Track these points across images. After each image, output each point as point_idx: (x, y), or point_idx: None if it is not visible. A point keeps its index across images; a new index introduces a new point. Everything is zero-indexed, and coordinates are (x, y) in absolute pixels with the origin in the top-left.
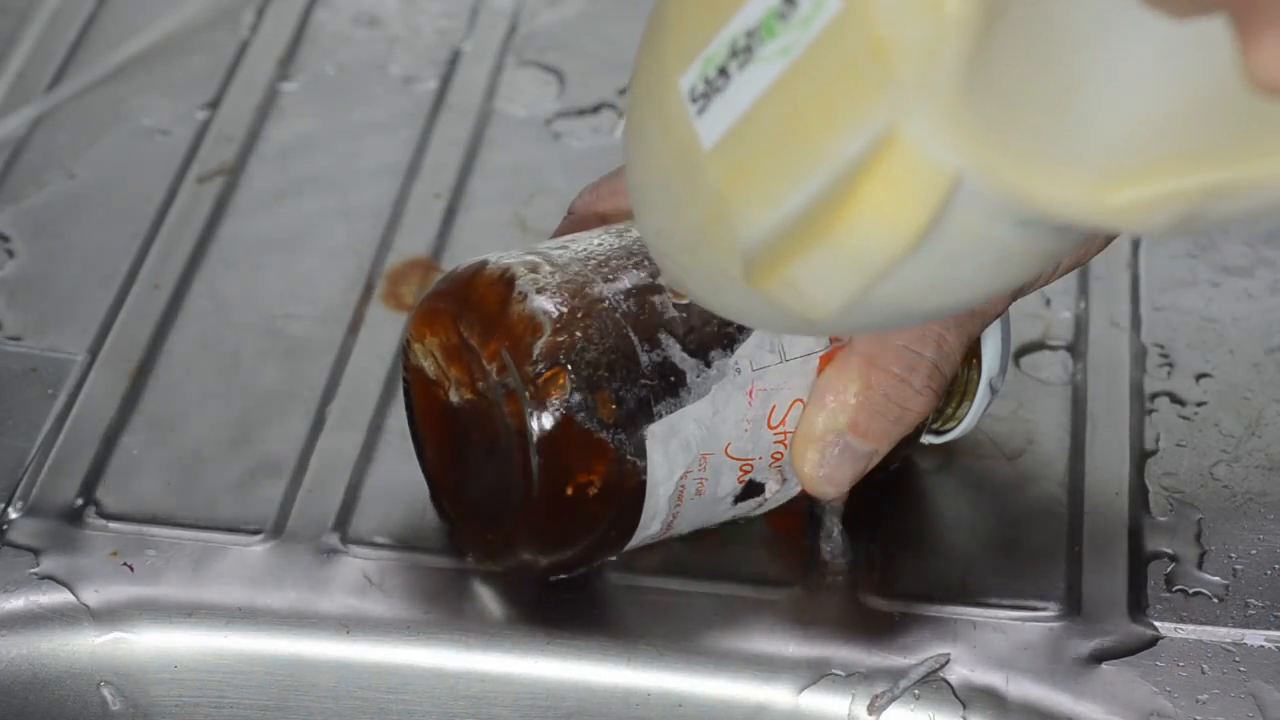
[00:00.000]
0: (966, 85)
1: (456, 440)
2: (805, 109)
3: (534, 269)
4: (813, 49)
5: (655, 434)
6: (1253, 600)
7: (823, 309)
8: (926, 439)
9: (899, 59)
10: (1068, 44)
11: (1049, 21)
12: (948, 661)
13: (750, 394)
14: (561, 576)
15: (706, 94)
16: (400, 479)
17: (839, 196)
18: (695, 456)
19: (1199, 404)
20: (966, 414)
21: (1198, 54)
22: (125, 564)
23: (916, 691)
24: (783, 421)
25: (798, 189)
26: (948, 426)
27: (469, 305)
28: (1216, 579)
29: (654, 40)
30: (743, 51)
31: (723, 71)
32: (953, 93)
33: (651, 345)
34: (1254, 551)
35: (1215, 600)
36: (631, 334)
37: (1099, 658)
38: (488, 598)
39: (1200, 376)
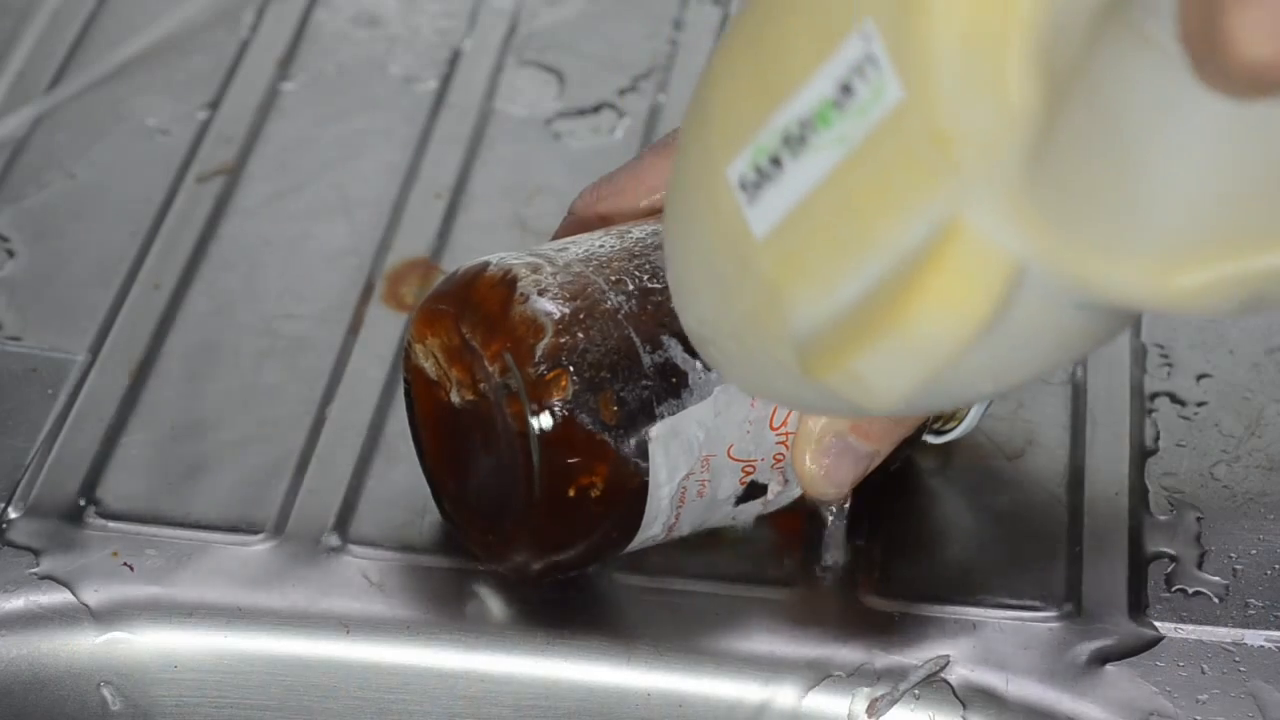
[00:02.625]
0: (1030, 175)
1: (457, 441)
2: (863, 197)
3: (536, 270)
4: (871, 138)
5: (657, 435)
6: (1253, 600)
7: (885, 399)
8: (927, 439)
9: (962, 150)
10: (1129, 128)
11: (1110, 106)
12: (948, 663)
13: None
14: (562, 578)
15: (757, 183)
16: (400, 479)
17: (901, 286)
18: (697, 458)
19: (1199, 404)
20: (966, 414)
21: (1258, 133)
22: (125, 564)
23: (916, 692)
24: (785, 423)
25: (855, 277)
26: (948, 426)
27: (471, 306)
28: (1216, 579)
29: (698, 128)
30: (796, 141)
31: (775, 160)
32: (1016, 183)
33: (654, 346)
34: (1254, 551)
35: (1215, 600)
36: (634, 335)
37: (1099, 658)
38: (488, 598)
39: (1200, 376)
